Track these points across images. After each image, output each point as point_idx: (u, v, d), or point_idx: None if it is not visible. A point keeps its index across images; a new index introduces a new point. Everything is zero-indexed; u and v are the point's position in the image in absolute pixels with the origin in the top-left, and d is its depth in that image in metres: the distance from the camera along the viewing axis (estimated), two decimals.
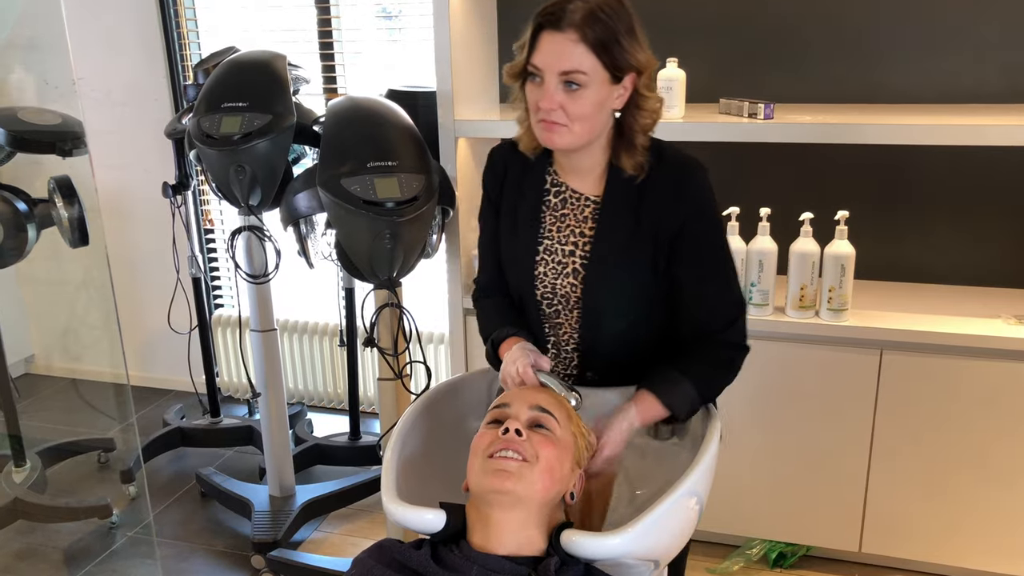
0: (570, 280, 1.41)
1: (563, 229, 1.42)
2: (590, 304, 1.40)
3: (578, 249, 1.40)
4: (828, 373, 2.19)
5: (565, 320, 1.45)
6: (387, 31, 3.16)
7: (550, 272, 1.42)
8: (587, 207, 1.41)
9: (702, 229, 1.36)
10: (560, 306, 1.44)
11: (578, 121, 1.29)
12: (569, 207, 1.42)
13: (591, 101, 1.28)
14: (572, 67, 1.26)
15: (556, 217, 1.43)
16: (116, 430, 3.18)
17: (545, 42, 1.27)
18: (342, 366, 3.33)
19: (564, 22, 1.25)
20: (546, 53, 1.27)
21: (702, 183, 1.37)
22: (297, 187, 2.11)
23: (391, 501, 1.22)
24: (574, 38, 1.25)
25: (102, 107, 3.34)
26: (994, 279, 2.41)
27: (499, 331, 1.45)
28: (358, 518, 2.71)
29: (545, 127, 1.31)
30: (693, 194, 1.36)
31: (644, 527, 1.14)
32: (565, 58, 1.26)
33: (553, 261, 1.42)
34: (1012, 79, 2.28)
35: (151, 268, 3.43)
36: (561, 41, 1.25)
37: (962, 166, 2.36)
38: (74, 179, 2.13)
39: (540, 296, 1.44)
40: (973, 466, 2.15)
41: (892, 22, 2.32)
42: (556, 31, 1.25)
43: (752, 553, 2.40)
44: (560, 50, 1.26)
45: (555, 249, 1.42)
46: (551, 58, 1.27)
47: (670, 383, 1.34)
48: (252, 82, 2.19)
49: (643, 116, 1.34)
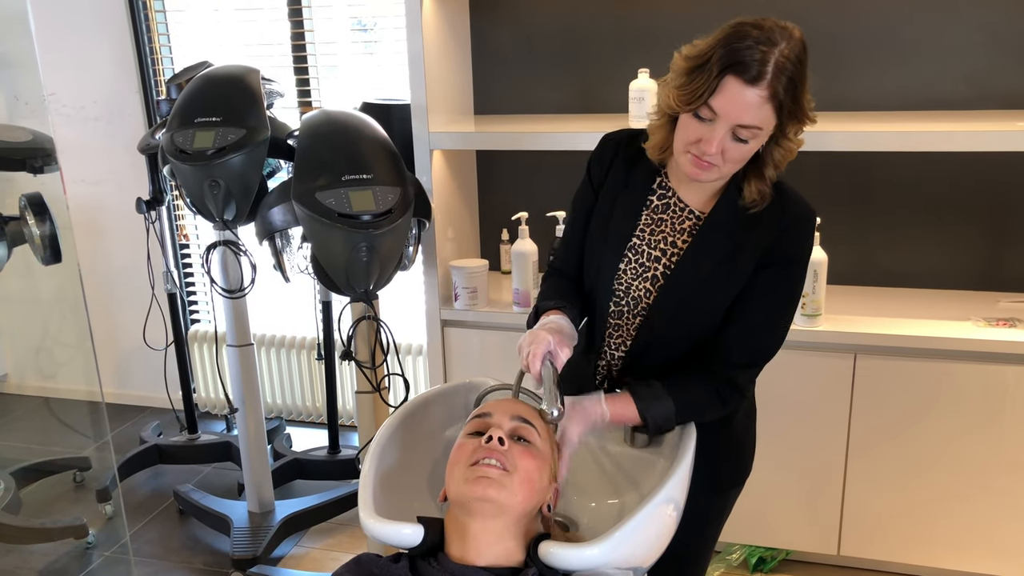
0: (647, 285, 1.39)
1: (656, 233, 1.39)
2: (656, 314, 1.39)
3: (664, 257, 1.39)
4: (803, 378, 2.22)
5: (625, 323, 1.43)
6: (362, 44, 3.16)
7: (630, 271, 1.40)
8: (688, 220, 1.38)
9: (786, 274, 1.35)
10: (626, 307, 1.42)
11: (732, 163, 1.26)
12: (670, 214, 1.39)
13: (752, 149, 1.25)
14: (752, 123, 1.20)
15: (654, 219, 1.40)
16: (92, 448, 3.14)
17: (731, 89, 1.18)
18: (320, 380, 3.31)
19: (757, 75, 1.17)
20: (729, 101, 1.19)
21: (809, 232, 1.36)
22: (272, 201, 2.10)
23: (368, 516, 1.21)
24: (764, 95, 1.18)
25: (74, 123, 3.31)
26: (963, 282, 2.45)
27: (547, 301, 1.41)
28: (339, 532, 2.69)
29: (695, 162, 1.26)
30: (796, 239, 1.35)
31: (622, 536, 1.14)
32: (748, 114, 1.19)
33: (636, 262, 1.40)
34: (976, 86, 2.32)
35: (126, 284, 3.40)
36: (749, 96, 1.18)
37: (930, 172, 2.39)
38: (45, 196, 2.11)
39: (613, 291, 1.42)
40: (947, 467, 2.18)
41: (859, 32, 2.36)
42: (748, 84, 1.17)
43: (732, 558, 2.41)
44: (745, 104, 1.18)
45: (642, 251, 1.40)
46: (734, 109, 1.19)
47: (652, 397, 1.33)
48: (225, 96, 2.19)
49: (779, 154, 1.29)
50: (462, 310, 2.42)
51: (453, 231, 2.55)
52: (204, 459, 3.09)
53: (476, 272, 2.39)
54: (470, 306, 2.41)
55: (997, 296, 2.37)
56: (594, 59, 2.58)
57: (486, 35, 2.65)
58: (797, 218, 1.35)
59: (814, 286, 2.15)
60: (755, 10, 2.49)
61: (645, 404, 1.33)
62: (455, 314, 2.44)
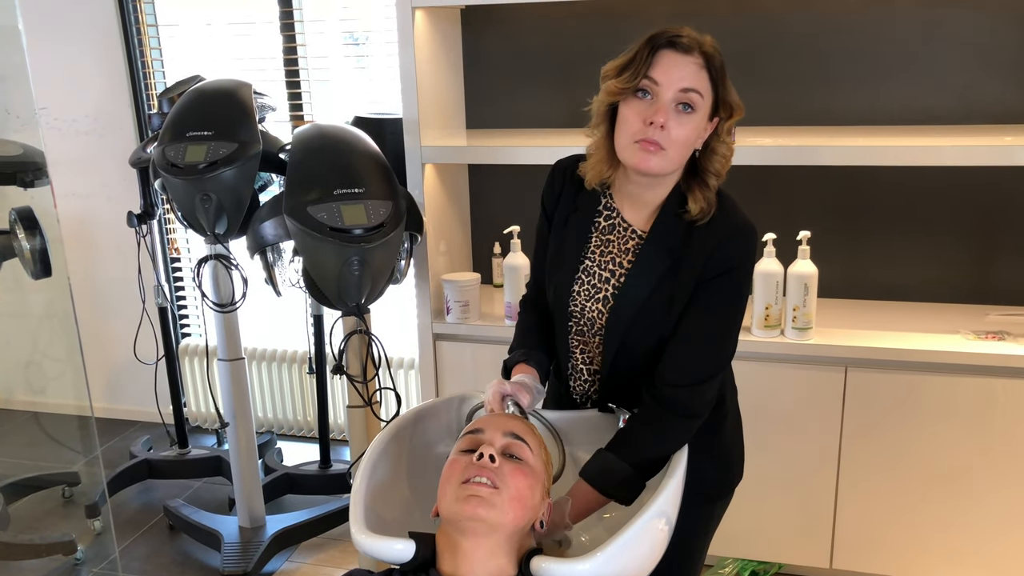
0: (599, 306, 1.43)
1: (605, 255, 1.43)
2: (611, 333, 1.41)
3: (613, 278, 1.42)
4: (795, 391, 2.22)
5: (589, 340, 1.46)
6: (354, 58, 3.17)
7: (583, 292, 1.44)
8: (631, 239, 1.42)
9: (727, 286, 1.37)
10: (585, 327, 1.45)
11: (675, 147, 1.31)
12: (615, 235, 1.43)
13: (694, 127, 1.31)
14: (692, 85, 1.29)
15: (602, 241, 1.44)
16: (81, 464, 3.12)
17: (666, 60, 1.29)
18: (311, 394, 3.30)
19: (688, 46, 1.29)
20: (668, 68, 1.29)
21: (749, 246, 1.39)
22: (263, 215, 2.10)
23: (359, 532, 1.21)
24: (699, 62, 1.29)
25: (66, 136, 3.30)
26: (953, 296, 2.46)
27: (514, 355, 1.49)
28: (330, 547, 2.67)
29: (643, 147, 1.31)
30: (735, 250, 1.37)
31: (614, 551, 1.14)
32: (687, 77, 1.29)
33: (588, 283, 1.44)
34: (964, 101, 2.34)
35: (117, 298, 3.39)
36: (685, 62, 1.29)
37: (920, 186, 2.41)
38: (36, 210, 2.10)
39: (569, 313, 1.46)
40: (938, 479, 2.18)
41: (849, 47, 2.38)
42: (680, 53, 1.29)
43: (725, 572, 2.41)
44: (684, 69, 1.29)
45: (593, 272, 1.44)
46: (675, 72, 1.29)
47: (607, 472, 1.32)
48: (217, 110, 2.19)
49: (716, 160, 1.36)
50: (454, 324, 2.42)
51: (445, 245, 2.56)
52: (194, 474, 3.07)
53: (468, 286, 2.39)
54: (462, 320, 2.41)
55: (986, 309, 2.38)
56: (585, 74, 2.57)
57: (478, 49, 2.66)
58: (735, 230, 1.38)
59: (804, 299, 2.16)
60: (741, 28, 2.50)
61: (602, 483, 1.32)
62: (447, 328, 2.43)
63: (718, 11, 2.43)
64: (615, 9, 2.48)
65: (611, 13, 2.49)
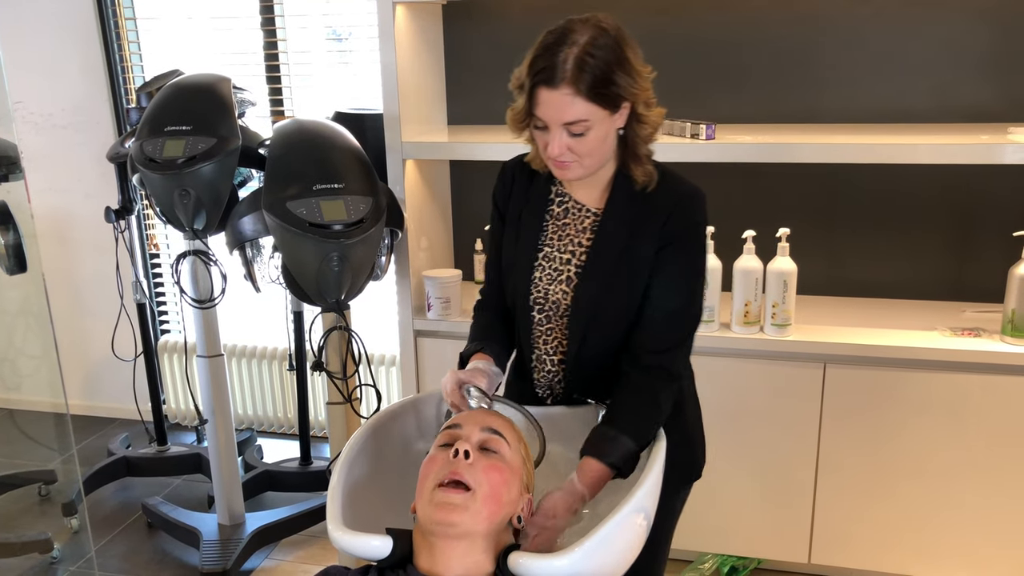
0: (563, 287, 1.44)
1: (563, 238, 1.45)
2: (578, 313, 1.43)
3: (574, 258, 1.44)
4: (773, 387, 2.23)
5: (556, 326, 1.47)
6: (336, 53, 3.15)
7: (545, 277, 1.46)
8: (587, 218, 1.44)
9: (684, 248, 1.40)
10: (551, 312, 1.47)
11: (587, 156, 1.34)
12: (571, 217, 1.46)
13: (596, 138, 1.32)
14: (573, 118, 1.29)
15: (558, 226, 1.46)
16: (57, 461, 3.09)
17: (543, 98, 1.29)
18: (291, 390, 3.28)
19: (556, 78, 1.27)
20: (546, 107, 1.30)
21: (698, 207, 1.41)
22: (242, 210, 2.09)
23: (336, 529, 1.20)
24: (569, 92, 1.27)
25: (42, 131, 3.27)
26: (930, 293, 2.48)
27: (468, 346, 1.50)
28: (310, 544, 2.66)
29: (557, 165, 1.35)
30: (687, 213, 1.40)
31: (592, 546, 1.14)
32: (564, 112, 1.29)
33: (550, 268, 1.45)
34: (940, 100, 2.36)
35: (95, 294, 3.36)
36: (557, 97, 1.28)
37: (897, 184, 2.43)
38: (10, 205, 2.08)
39: (532, 301, 1.47)
40: (915, 474, 2.21)
41: (828, 46, 2.40)
42: (551, 88, 1.28)
43: (704, 568, 2.42)
44: (558, 105, 1.28)
45: (553, 256, 1.46)
46: (552, 112, 1.29)
47: (608, 441, 1.34)
48: (196, 105, 2.17)
49: (643, 128, 1.37)
50: (435, 320, 2.41)
51: (426, 241, 2.55)
52: (173, 471, 3.05)
53: (449, 282, 2.39)
54: (443, 316, 2.40)
55: (963, 306, 2.41)
56: None
57: (459, 45, 2.65)
58: (684, 196, 1.41)
59: (784, 296, 2.17)
60: (722, 27, 2.50)
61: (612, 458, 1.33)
62: (428, 324, 2.43)
63: (699, 10, 2.44)
64: (595, 5, 2.48)
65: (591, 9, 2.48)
